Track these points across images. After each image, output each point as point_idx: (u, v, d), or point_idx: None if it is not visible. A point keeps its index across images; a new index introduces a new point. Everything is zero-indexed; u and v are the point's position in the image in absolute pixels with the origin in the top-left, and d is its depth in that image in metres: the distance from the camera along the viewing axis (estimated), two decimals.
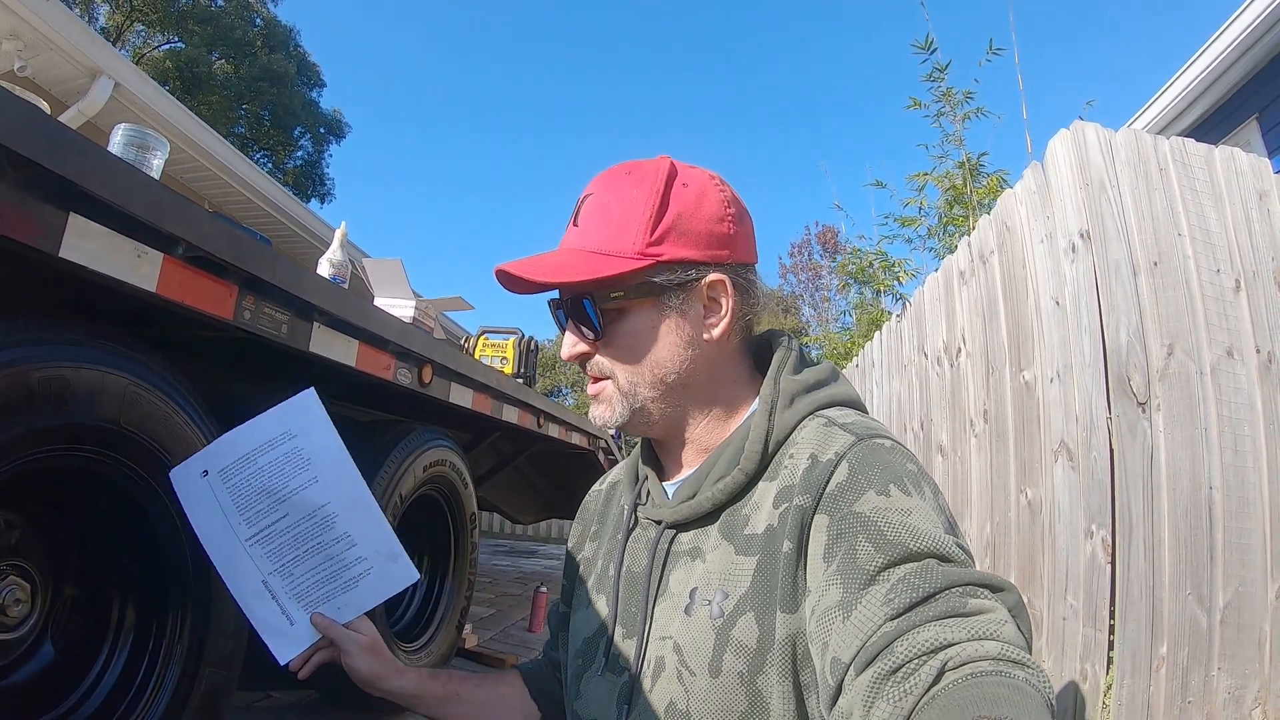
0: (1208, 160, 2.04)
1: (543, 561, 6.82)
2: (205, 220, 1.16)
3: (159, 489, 1.15)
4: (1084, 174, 1.99)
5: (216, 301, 1.20)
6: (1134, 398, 1.83)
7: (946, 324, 2.99)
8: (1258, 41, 3.83)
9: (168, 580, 1.22)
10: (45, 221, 0.94)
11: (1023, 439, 2.26)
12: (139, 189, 1.03)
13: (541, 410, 3.01)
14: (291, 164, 20.10)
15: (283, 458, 0.84)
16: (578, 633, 0.81)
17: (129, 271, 1.05)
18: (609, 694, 0.71)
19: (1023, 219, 2.30)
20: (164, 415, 1.15)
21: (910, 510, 0.56)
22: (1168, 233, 1.95)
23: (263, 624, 0.80)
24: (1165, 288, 1.90)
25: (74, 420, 1.01)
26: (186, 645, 1.19)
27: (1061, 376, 2.03)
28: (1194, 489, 1.79)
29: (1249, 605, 1.76)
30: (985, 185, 4.43)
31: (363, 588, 0.85)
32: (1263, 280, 1.95)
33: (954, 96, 4.53)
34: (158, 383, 1.15)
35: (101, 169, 0.97)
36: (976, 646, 0.45)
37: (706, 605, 0.65)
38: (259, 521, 0.83)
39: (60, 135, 0.89)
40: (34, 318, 1.01)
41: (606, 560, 0.82)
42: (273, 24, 19.47)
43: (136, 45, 17.59)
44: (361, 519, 0.85)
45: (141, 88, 4.51)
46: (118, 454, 1.10)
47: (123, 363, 1.09)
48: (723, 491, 0.68)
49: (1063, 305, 2.04)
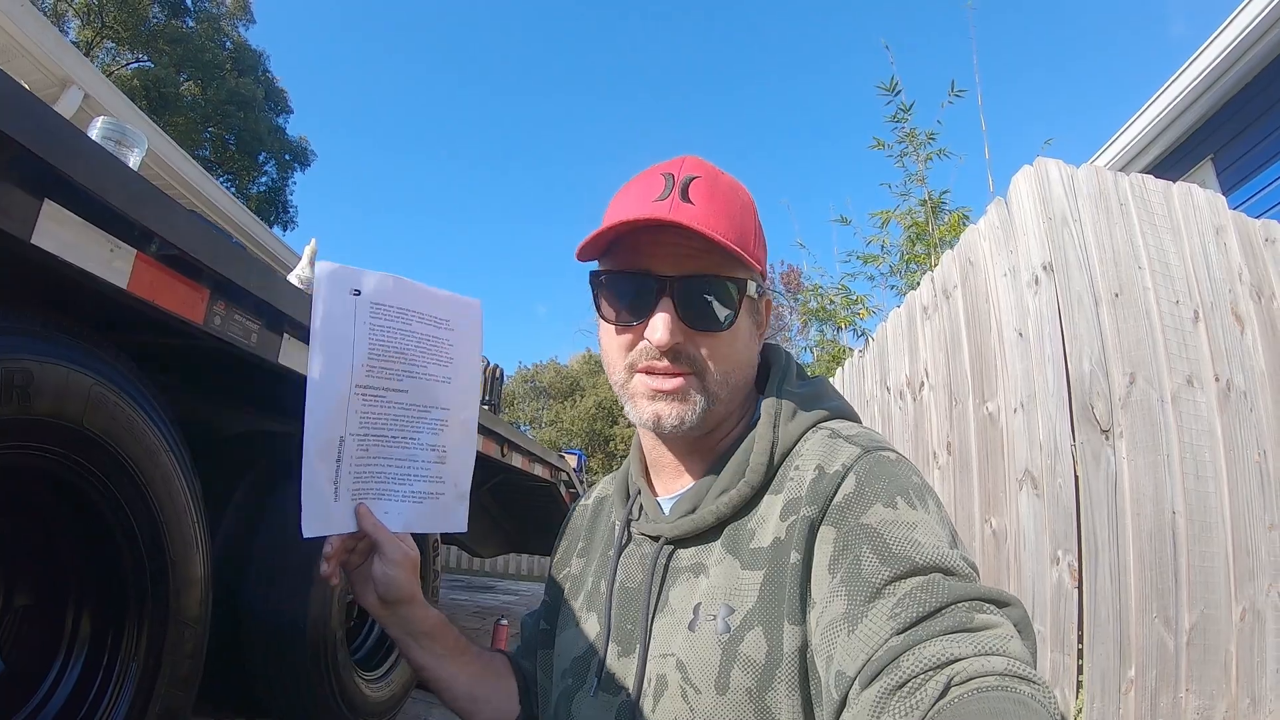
0: (1166, 196, 2.15)
1: (500, 596, 6.67)
2: (181, 217, 1.13)
3: (120, 496, 1.10)
4: (1047, 208, 2.07)
5: (187, 304, 1.16)
6: (1097, 425, 1.88)
7: (909, 358, 3.05)
8: (1211, 87, 4.10)
9: (126, 593, 1.15)
10: (18, 205, 0.90)
11: (986, 469, 2.30)
12: (117, 180, 1.01)
13: (506, 439, 2.96)
14: (255, 189, 19.85)
15: (432, 338, 0.76)
16: (565, 652, 0.78)
17: (101, 266, 1.02)
18: (604, 714, 0.69)
19: (986, 253, 2.38)
20: (129, 420, 1.10)
21: (915, 524, 0.56)
22: (1128, 265, 2.03)
23: (311, 482, 0.70)
24: (1127, 318, 1.98)
25: (35, 416, 0.96)
26: (143, 662, 1.12)
27: (1025, 406, 2.08)
28: (1158, 513, 1.84)
29: (1214, 627, 1.79)
30: (947, 223, 4.59)
31: (420, 508, 0.78)
32: (1220, 311, 2.04)
33: (917, 137, 4.72)
34: (125, 386, 1.11)
35: (81, 155, 0.94)
36: (983, 662, 0.45)
37: (711, 620, 0.63)
38: (378, 375, 0.73)
39: (43, 116, 0.86)
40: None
41: (598, 577, 0.79)
42: (243, 48, 19.41)
43: (105, 62, 17.33)
44: (460, 444, 0.80)
45: (111, 100, 4.46)
46: (79, 456, 1.05)
47: (90, 361, 1.05)
48: (727, 505, 0.67)
49: (1026, 336, 2.10)
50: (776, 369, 0.75)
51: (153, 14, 17.30)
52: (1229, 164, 4.20)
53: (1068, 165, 2.13)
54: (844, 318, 5.71)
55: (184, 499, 1.20)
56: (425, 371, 0.76)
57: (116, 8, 16.54)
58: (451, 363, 0.78)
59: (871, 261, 5.55)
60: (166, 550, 1.17)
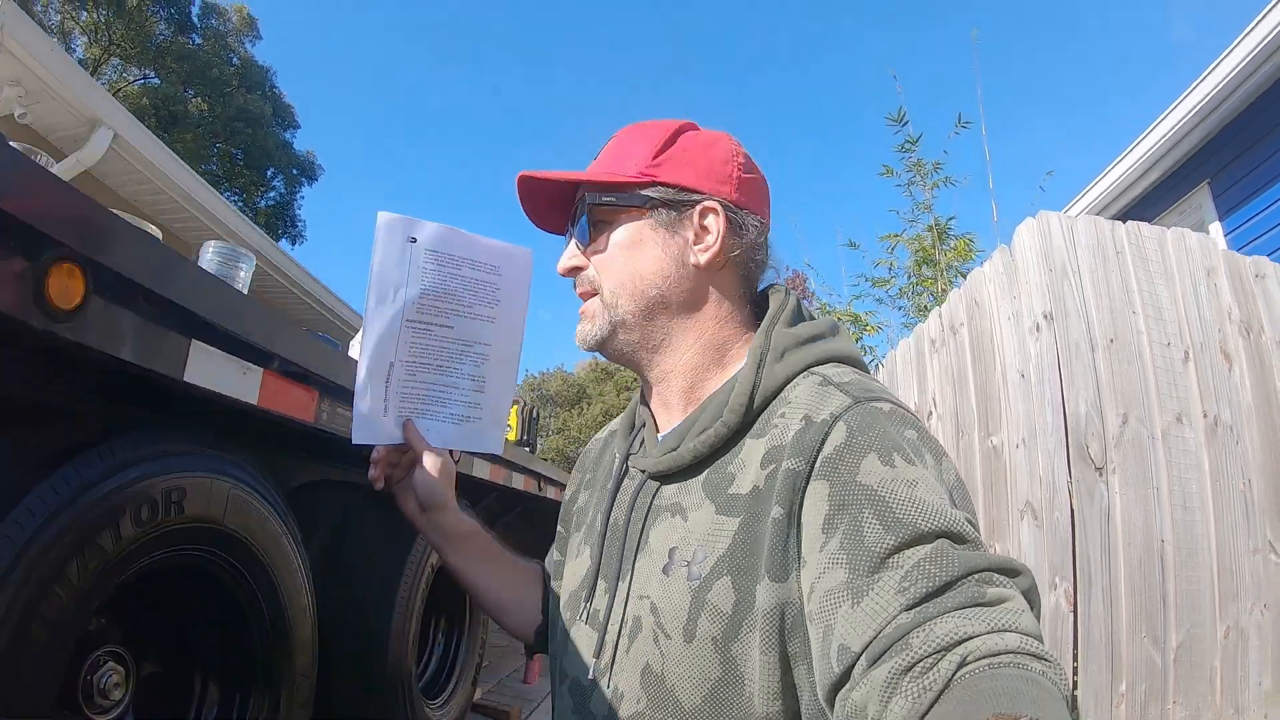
0: (1160, 241, 2.32)
1: None
2: (294, 334, 1.32)
3: (252, 580, 1.29)
4: (1048, 260, 2.24)
5: (301, 407, 1.35)
6: (1092, 463, 2.06)
7: (918, 387, 3.23)
8: (1212, 112, 4.27)
9: (253, 659, 1.35)
10: (171, 347, 1.09)
11: (991, 499, 2.48)
12: (247, 313, 1.19)
13: (542, 475, 3.21)
14: (263, 204, 20.08)
15: (481, 282, 0.85)
16: (567, 585, 0.79)
17: (236, 387, 1.20)
18: (586, 649, 0.70)
19: (991, 296, 2.55)
20: (258, 513, 1.30)
21: (916, 481, 0.54)
22: (1123, 311, 2.20)
23: (362, 396, 0.80)
24: (1120, 361, 2.15)
25: (187, 524, 1.15)
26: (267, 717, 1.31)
27: (1026, 443, 2.25)
28: (1147, 542, 2.02)
29: (1200, 644, 1.98)
30: (954, 247, 4.78)
31: (459, 429, 0.87)
32: (1209, 350, 2.21)
33: (924, 167, 4.92)
34: (253, 484, 1.30)
35: (221, 298, 1.13)
36: (996, 640, 0.44)
37: (685, 566, 0.63)
38: (427, 312, 0.82)
39: (190, 272, 1.05)
40: (152, 432, 1.15)
41: (595, 511, 0.80)
42: (249, 64, 19.58)
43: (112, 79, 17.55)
44: (501, 377, 0.89)
45: (140, 139, 4.54)
46: (220, 550, 1.24)
47: (226, 468, 1.24)
48: (704, 444, 0.66)
49: (1027, 378, 2.27)
50: (773, 308, 0.72)
51: (159, 31, 17.49)
52: (1226, 187, 4.36)
53: (1067, 217, 2.30)
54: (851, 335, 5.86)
55: (300, 574, 1.40)
56: (471, 310, 0.85)
57: (123, 25, 16.73)
58: (498, 304, 0.86)
59: (881, 285, 5.77)
60: (286, 619, 1.37)
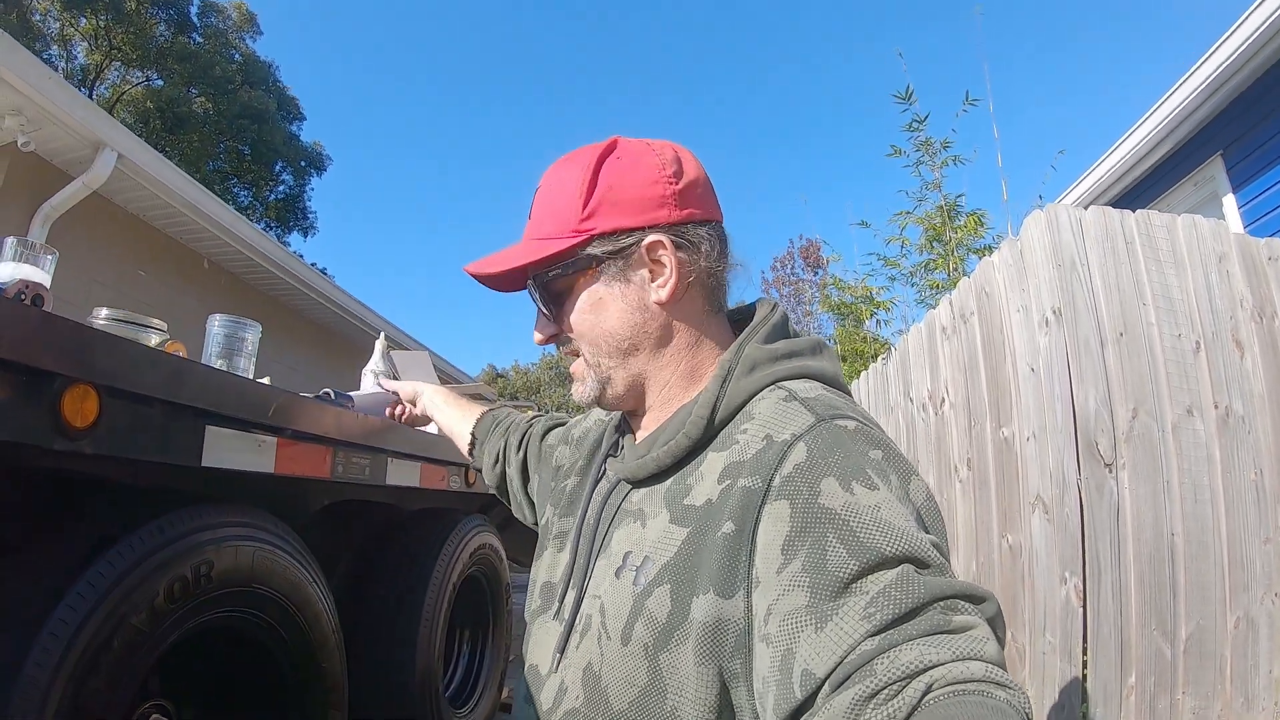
0: (1170, 229, 2.27)
1: None
2: (304, 402, 1.37)
3: (281, 630, 1.37)
4: (1056, 255, 2.20)
5: (316, 465, 1.41)
6: (1101, 460, 2.06)
7: (930, 374, 3.22)
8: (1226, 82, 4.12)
9: (286, 700, 1.43)
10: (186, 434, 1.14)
11: (1003, 489, 2.49)
12: (255, 394, 1.25)
13: None
14: (273, 197, 20.19)
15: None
16: (538, 577, 0.82)
17: (252, 460, 1.26)
18: (547, 641, 0.73)
19: (1000, 286, 2.52)
20: (281, 567, 1.37)
21: (879, 505, 0.53)
22: (1133, 304, 2.17)
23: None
24: (1130, 355, 2.13)
25: (217, 592, 1.22)
26: None
27: (1037, 437, 2.25)
28: (1156, 536, 2.03)
29: (1210, 635, 2.00)
30: (964, 224, 4.74)
31: None
32: (1221, 340, 2.18)
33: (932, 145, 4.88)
34: (274, 541, 1.37)
35: (226, 389, 1.19)
36: (961, 668, 0.44)
37: (633, 571, 0.64)
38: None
39: (197, 373, 1.10)
40: (182, 512, 1.21)
41: (571, 503, 0.83)
42: (251, 60, 19.49)
43: (115, 82, 17.63)
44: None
45: (144, 158, 4.57)
46: (248, 607, 1.31)
47: (248, 533, 1.30)
48: (667, 454, 0.68)
49: (1037, 372, 2.26)
50: (754, 323, 0.73)
51: (159, 32, 17.46)
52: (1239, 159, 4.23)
53: (1076, 210, 2.25)
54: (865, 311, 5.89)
55: (326, 616, 1.48)
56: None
57: (123, 29, 16.74)
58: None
59: (892, 265, 5.80)
60: (318, 660, 1.45)
